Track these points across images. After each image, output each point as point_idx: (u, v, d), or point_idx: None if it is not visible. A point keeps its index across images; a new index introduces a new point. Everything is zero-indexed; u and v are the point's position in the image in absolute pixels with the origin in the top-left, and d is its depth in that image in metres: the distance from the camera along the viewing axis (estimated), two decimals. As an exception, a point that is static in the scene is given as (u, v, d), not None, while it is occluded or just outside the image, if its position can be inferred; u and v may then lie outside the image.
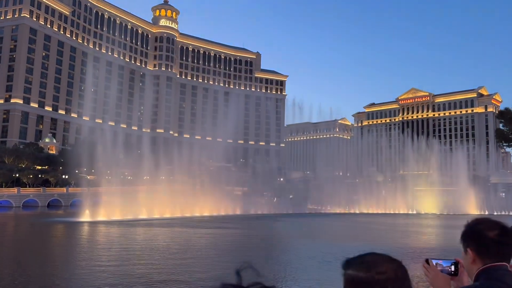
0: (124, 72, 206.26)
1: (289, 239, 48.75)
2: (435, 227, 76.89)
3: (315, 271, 27.79)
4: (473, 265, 2.79)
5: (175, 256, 33.41)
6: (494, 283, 2.60)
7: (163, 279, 24.29)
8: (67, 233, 52.05)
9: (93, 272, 26.14)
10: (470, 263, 2.81)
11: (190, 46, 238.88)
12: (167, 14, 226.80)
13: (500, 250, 2.73)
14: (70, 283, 23.73)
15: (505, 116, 42.46)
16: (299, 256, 35.29)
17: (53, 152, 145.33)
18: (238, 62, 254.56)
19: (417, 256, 35.12)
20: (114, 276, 24.92)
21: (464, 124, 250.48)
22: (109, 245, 41.69)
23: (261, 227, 64.73)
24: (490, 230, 2.76)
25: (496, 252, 2.73)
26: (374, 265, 1.88)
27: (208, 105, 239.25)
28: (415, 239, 53.46)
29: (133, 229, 55.54)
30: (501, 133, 44.47)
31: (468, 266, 2.85)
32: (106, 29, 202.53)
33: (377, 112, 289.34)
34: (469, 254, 2.81)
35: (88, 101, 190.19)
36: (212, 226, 63.13)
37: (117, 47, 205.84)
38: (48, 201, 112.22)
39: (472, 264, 2.80)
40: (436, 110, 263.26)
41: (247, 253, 35.65)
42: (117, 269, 27.14)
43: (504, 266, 2.72)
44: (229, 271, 1.64)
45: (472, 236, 2.82)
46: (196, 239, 46.89)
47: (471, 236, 2.83)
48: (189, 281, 23.86)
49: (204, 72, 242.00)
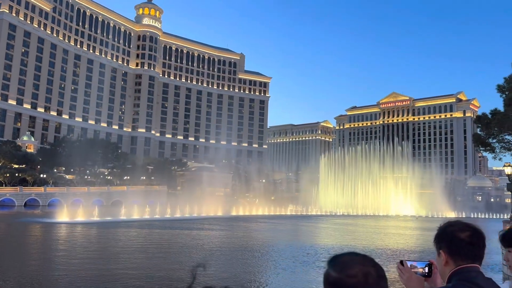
0: (106, 70, 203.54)
1: (268, 241, 48.81)
2: (413, 229, 78.10)
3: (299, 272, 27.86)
4: (446, 266, 2.82)
5: (153, 256, 33.06)
6: (466, 284, 2.62)
7: (140, 280, 24.00)
8: (43, 234, 50.97)
9: (71, 272, 25.66)
10: (443, 265, 2.84)
11: (173, 46, 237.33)
12: (151, 12, 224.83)
13: (471, 251, 2.76)
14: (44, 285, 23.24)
15: (482, 121, 43.50)
16: (284, 256, 35.35)
17: (31, 151, 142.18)
18: (221, 62, 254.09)
19: (396, 257, 35.62)
20: (91, 277, 24.51)
21: (443, 128, 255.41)
22: (85, 246, 40.99)
23: (242, 229, 64.66)
24: (461, 232, 2.80)
25: (468, 253, 2.76)
26: (346, 267, 1.90)
27: (191, 106, 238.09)
28: (395, 240, 54.21)
29: (112, 230, 54.77)
30: (478, 138, 45.49)
31: (441, 268, 2.88)
32: (88, 26, 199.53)
33: (358, 115, 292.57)
34: (442, 255, 2.84)
35: (68, 99, 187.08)
36: (193, 228, 62.75)
37: (98, 45, 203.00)
38: (25, 200, 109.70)
39: (445, 266, 2.82)
40: (416, 114, 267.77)
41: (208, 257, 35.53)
42: (95, 268, 26.70)
43: (476, 268, 2.77)
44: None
45: (444, 238, 2.85)
46: (175, 241, 46.53)
47: (444, 238, 2.86)
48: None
49: (188, 72, 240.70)
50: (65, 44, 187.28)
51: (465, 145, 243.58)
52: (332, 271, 1.91)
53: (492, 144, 43.23)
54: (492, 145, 43.18)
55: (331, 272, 1.91)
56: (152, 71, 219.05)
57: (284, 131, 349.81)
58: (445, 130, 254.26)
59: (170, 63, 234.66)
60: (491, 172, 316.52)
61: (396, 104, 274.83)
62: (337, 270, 1.89)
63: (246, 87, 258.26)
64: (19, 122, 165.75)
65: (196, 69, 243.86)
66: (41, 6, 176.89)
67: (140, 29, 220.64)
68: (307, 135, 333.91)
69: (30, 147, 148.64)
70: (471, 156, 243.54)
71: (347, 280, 1.85)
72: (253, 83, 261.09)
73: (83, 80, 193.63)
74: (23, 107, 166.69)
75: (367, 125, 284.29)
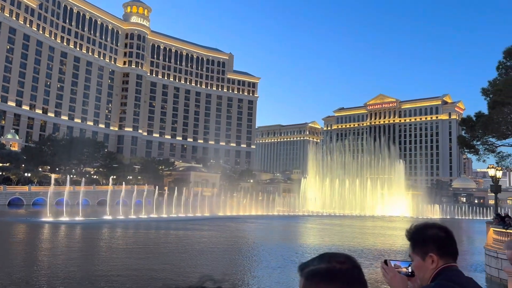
0: (93, 68, 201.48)
1: (256, 242, 48.88)
2: (399, 229, 78.85)
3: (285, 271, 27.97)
4: (434, 269, 2.81)
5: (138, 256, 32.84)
6: (449, 284, 2.65)
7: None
8: (27, 233, 50.22)
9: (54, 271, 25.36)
10: (431, 268, 2.82)
11: (161, 45, 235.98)
12: (139, 11, 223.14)
13: (453, 248, 2.84)
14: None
15: (467, 123, 44.18)
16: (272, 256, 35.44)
17: (16, 149, 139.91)
18: (210, 62, 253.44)
19: (383, 256, 35.89)
20: (75, 276, 24.27)
21: (429, 130, 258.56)
22: (70, 246, 40.55)
23: (230, 229, 64.60)
24: (442, 232, 2.85)
25: (453, 251, 2.83)
26: (333, 257, 1.94)
27: (179, 105, 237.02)
28: (381, 240, 54.72)
29: (97, 230, 54.25)
30: (462, 140, 46.20)
31: (425, 271, 2.86)
32: (75, 24, 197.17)
33: (346, 117, 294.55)
34: (432, 258, 2.82)
35: (54, 97, 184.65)
36: (181, 228, 62.48)
37: (85, 43, 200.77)
38: (9, 199, 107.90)
39: (433, 268, 2.81)
40: (403, 116, 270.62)
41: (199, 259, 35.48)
42: (78, 269, 26.44)
43: (456, 267, 2.81)
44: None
45: (430, 241, 2.85)
46: (161, 241, 46.29)
47: (429, 241, 2.85)
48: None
49: (176, 71, 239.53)
50: (52, 41, 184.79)
51: (450, 147, 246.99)
52: (319, 264, 1.92)
53: (476, 146, 43.93)
54: (476, 147, 43.88)
55: (317, 266, 1.91)
56: (140, 70, 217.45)
57: (272, 131, 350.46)
58: (431, 132, 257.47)
59: (158, 62, 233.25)
60: (475, 174, 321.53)
61: (383, 105, 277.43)
62: (325, 261, 1.92)
63: (235, 87, 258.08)
64: (3, 120, 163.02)
65: (185, 68, 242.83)
66: (27, 3, 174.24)
67: (128, 27, 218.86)
68: (295, 135, 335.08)
69: (15, 145, 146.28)
70: (456, 157, 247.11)
71: (340, 267, 1.89)
72: (242, 83, 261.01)
73: (70, 78, 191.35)
74: (7, 105, 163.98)
75: (355, 126, 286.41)
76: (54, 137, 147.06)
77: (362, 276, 1.93)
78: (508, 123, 39.21)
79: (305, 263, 1.96)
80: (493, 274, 27.09)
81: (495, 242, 28.44)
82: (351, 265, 1.92)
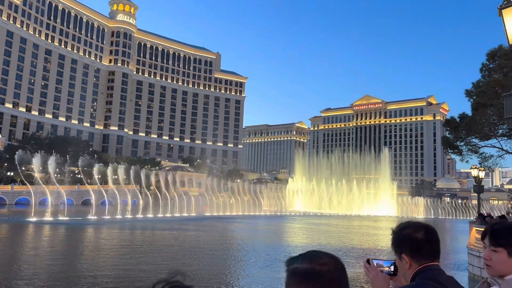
0: (78, 66, 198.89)
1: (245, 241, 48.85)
2: (384, 229, 79.62)
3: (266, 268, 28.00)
4: (410, 269, 2.84)
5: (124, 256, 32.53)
6: (429, 282, 2.67)
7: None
8: (9, 233, 49.33)
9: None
10: (407, 268, 2.86)
11: (148, 43, 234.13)
12: (125, 8, 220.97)
13: (431, 249, 2.82)
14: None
15: (451, 124, 44.86)
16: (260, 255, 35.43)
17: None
18: (197, 61, 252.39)
19: (367, 255, 36.14)
20: (58, 277, 23.92)
21: (414, 131, 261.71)
22: (51, 246, 39.97)
23: (217, 229, 64.44)
24: (417, 232, 2.85)
25: (428, 252, 2.82)
26: (315, 257, 1.98)
27: (165, 104, 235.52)
28: (366, 240, 55.17)
29: (81, 230, 53.58)
30: (446, 140, 46.89)
31: (405, 271, 2.89)
32: (60, 21, 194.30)
33: (332, 117, 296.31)
34: (405, 259, 2.85)
35: (38, 95, 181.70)
36: (166, 228, 62.10)
37: (70, 41, 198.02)
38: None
39: (409, 269, 2.84)
40: (388, 117, 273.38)
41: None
42: (60, 269, 26.07)
43: (437, 266, 2.81)
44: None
45: (403, 242, 2.88)
46: (147, 241, 45.94)
47: (402, 241, 2.88)
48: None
49: (162, 70, 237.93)
50: (36, 38, 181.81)
51: (434, 148, 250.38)
52: (301, 263, 1.96)
53: (460, 147, 44.58)
54: (460, 147, 44.54)
55: (300, 265, 1.96)
56: (126, 68, 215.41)
57: (259, 131, 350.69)
58: (416, 133, 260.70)
59: (144, 60, 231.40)
60: (459, 174, 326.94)
61: (369, 106, 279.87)
62: (307, 262, 1.96)
63: (222, 86, 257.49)
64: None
65: (171, 67, 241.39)
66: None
67: (114, 25, 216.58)
68: (282, 135, 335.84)
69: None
70: (440, 158, 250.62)
71: (320, 268, 1.92)
72: (229, 82, 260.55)
73: (54, 76, 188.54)
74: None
75: (341, 127, 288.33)
76: (38, 136, 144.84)
77: (343, 277, 1.96)
78: (490, 125, 39.91)
79: (292, 258, 2.03)
80: (476, 273, 27.56)
81: (478, 242, 28.92)
82: (332, 267, 1.95)
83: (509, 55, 32.15)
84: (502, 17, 9.21)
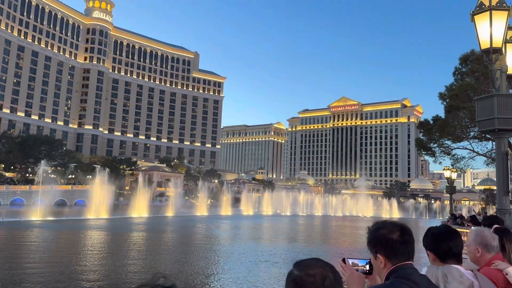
0: (51, 63, 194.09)
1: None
2: (360, 228, 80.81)
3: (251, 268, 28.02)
4: (384, 268, 2.88)
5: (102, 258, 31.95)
6: (402, 281, 2.71)
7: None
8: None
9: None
10: (381, 268, 2.89)
11: (124, 41, 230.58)
12: (101, 6, 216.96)
13: (405, 249, 2.86)
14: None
15: (424, 126, 45.95)
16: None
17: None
18: (175, 60, 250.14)
19: (343, 255, 36.58)
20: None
21: (389, 133, 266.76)
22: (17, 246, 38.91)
23: (195, 230, 64.04)
24: (392, 233, 2.88)
25: (402, 252, 2.85)
26: (307, 267, 2.11)
27: (142, 103, 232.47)
28: (342, 240, 55.84)
29: (54, 231, 52.29)
30: (420, 142, 47.98)
31: (379, 270, 2.93)
32: (33, 17, 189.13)
33: (310, 118, 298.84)
34: (380, 259, 2.89)
35: (9, 93, 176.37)
36: (141, 230, 61.34)
37: (44, 37, 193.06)
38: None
39: (383, 268, 2.88)
40: (364, 118, 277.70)
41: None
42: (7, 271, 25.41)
43: (411, 265, 2.86)
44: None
45: (378, 242, 2.91)
46: (123, 242, 45.26)
47: (377, 241, 2.91)
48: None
49: (139, 68, 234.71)
50: (8, 34, 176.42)
51: (408, 149, 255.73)
52: (294, 270, 2.15)
53: (433, 148, 45.60)
54: (433, 149, 45.54)
55: (293, 270, 2.15)
56: (102, 66, 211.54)
57: (238, 131, 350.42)
58: (391, 134, 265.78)
59: (121, 58, 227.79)
60: (432, 175, 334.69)
61: (346, 108, 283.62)
62: (299, 269, 2.13)
63: (200, 86, 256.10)
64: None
65: (149, 65, 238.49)
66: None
67: (90, 22, 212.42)
68: (260, 136, 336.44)
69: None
70: (414, 159, 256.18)
71: (305, 278, 2.08)
72: (207, 82, 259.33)
73: (27, 73, 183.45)
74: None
75: (318, 128, 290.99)
76: (9, 134, 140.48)
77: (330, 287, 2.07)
78: (463, 127, 41.01)
79: (297, 262, 2.21)
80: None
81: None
82: (319, 278, 2.06)
83: (480, 59, 33.16)
84: (474, 22, 9.50)
